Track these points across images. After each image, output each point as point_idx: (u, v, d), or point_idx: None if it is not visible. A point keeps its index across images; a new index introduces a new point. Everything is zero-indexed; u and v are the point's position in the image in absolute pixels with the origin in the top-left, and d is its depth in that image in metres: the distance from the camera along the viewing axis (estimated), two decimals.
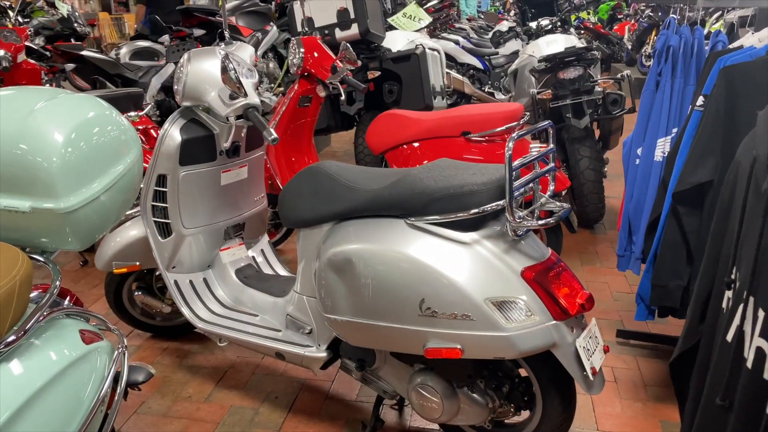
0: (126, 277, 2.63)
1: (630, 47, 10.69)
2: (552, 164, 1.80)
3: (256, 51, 2.57)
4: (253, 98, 2.15)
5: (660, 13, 9.49)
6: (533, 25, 5.87)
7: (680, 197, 1.96)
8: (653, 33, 9.71)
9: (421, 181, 1.75)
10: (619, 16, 13.01)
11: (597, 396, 2.38)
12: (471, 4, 10.56)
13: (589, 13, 11.75)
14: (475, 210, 1.67)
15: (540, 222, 1.66)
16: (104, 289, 2.66)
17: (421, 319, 1.71)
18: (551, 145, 1.80)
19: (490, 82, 7.39)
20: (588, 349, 1.70)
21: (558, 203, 1.76)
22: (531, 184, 1.72)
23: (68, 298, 1.57)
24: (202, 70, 2.20)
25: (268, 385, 2.48)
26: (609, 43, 10.43)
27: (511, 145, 1.59)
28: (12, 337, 1.20)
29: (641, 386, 2.45)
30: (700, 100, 1.99)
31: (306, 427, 2.22)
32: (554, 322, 1.64)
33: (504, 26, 8.19)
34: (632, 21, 11.58)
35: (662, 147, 2.33)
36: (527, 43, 5.66)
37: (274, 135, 2.07)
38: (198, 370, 2.58)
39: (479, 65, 7.44)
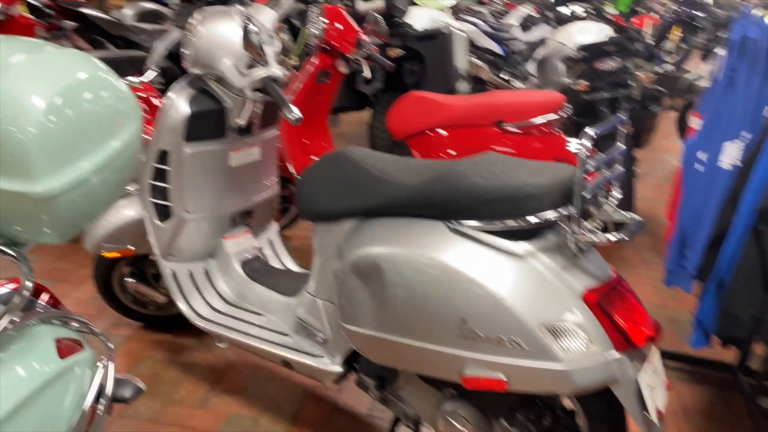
0: (118, 261, 2.37)
1: (653, 43, 10.35)
2: (622, 168, 1.54)
3: None
4: (275, 69, 1.88)
5: (686, 9, 9.11)
6: (566, 11, 5.56)
7: (767, 215, 1.71)
8: (673, 29, 9.38)
9: (467, 178, 1.48)
10: (638, 9, 12.64)
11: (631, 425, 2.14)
12: None
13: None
14: (534, 217, 1.41)
15: (610, 236, 1.41)
16: (92, 272, 2.40)
17: (460, 342, 1.45)
18: (621, 145, 1.54)
19: (507, 69, 7.08)
20: (652, 387, 1.46)
21: (627, 214, 1.50)
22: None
23: (43, 296, 1.30)
24: (217, 32, 1.92)
25: (270, 390, 2.23)
26: (628, 37, 10.10)
27: (586, 141, 1.33)
28: None
29: (681, 415, 2.22)
30: None
31: None
32: (617, 354, 1.39)
33: (523, 11, 7.83)
34: (656, 15, 11.22)
35: (730, 153, 2.06)
36: (556, 30, 5.35)
37: (297, 113, 1.80)
38: (193, 369, 2.33)
39: (498, 50, 7.12)
